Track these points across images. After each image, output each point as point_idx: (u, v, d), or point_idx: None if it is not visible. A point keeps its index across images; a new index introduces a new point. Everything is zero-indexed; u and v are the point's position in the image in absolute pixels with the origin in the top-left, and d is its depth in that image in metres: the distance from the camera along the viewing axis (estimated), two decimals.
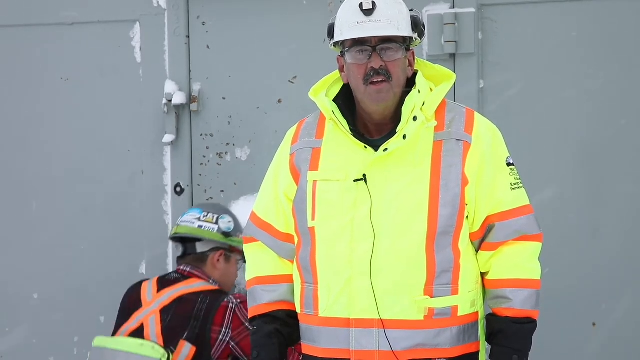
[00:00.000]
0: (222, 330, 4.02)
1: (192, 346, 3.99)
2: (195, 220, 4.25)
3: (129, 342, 4.00)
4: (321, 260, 3.17)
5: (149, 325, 4.04)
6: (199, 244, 4.25)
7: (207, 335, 4.00)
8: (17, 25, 4.72)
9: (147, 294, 4.15)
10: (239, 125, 4.53)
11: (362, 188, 3.13)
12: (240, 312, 4.03)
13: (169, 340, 3.99)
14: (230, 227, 4.25)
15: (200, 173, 4.54)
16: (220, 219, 4.25)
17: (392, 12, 3.12)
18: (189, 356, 3.99)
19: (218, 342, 4.01)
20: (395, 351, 3.12)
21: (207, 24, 4.55)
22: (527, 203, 3.24)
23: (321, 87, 3.26)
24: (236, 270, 4.32)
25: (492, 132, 3.24)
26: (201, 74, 4.55)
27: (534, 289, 3.20)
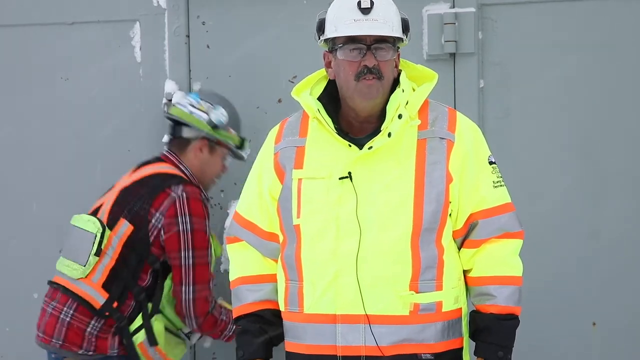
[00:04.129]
0: (157, 215, 3.99)
1: (129, 225, 3.98)
2: (188, 105, 4.22)
3: (83, 218, 4.02)
4: (306, 257, 3.19)
5: (106, 203, 4.07)
6: (185, 129, 4.22)
7: (145, 216, 3.98)
8: (17, 25, 4.72)
9: (123, 177, 4.17)
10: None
11: (348, 185, 3.15)
12: (181, 203, 3.99)
13: (112, 218, 4.01)
14: (221, 119, 4.19)
15: None
16: (214, 109, 4.20)
17: (388, 12, 3.16)
18: (125, 234, 3.97)
19: (152, 226, 3.98)
20: (381, 346, 3.14)
21: (207, 24, 4.54)
22: (509, 201, 3.28)
23: (304, 86, 3.30)
24: (221, 162, 4.26)
25: (474, 131, 3.28)
26: (201, 74, 4.53)
27: (517, 285, 3.24)
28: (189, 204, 4.00)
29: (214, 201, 4.52)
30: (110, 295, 3.95)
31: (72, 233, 4.03)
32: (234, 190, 4.46)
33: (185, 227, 3.98)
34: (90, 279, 3.96)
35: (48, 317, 4.02)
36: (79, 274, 3.96)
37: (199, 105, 4.21)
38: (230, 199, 4.50)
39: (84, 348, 3.95)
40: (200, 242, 4.00)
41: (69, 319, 3.97)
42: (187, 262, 3.97)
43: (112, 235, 3.97)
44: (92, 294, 3.96)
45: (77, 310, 3.96)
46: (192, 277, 3.98)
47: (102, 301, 3.95)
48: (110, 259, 3.96)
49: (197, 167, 4.20)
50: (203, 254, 4.01)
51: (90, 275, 3.96)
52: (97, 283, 3.96)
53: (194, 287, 3.98)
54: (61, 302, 4.00)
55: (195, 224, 3.99)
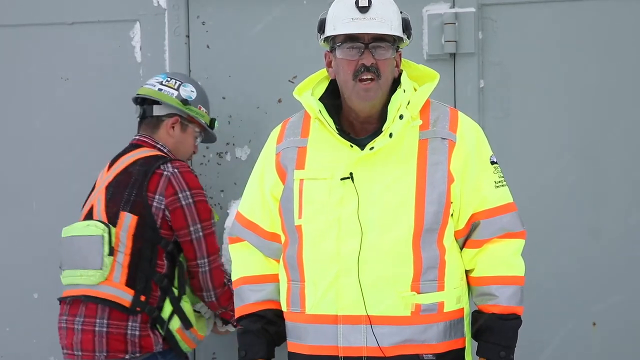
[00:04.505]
0: (157, 197, 3.95)
1: (132, 215, 3.93)
2: (156, 84, 4.18)
3: (79, 226, 3.97)
4: (308, 257, 3.19)
5: (96, 204, 4.02)
6: (156, 107, 4.17)
7: (144, 202, 3.94)
8: (17, 25, 4.72)
9: (101, 175, 4.12)
10: (239, 125, 4.51)
11: (349, 186, 3.15)
12: (176, 179, 3.97)
13: (111, 215, 3.95)
14: (191, 95, 4.18)
15: (200, 173, 4.50)
16: (183, 86, 4.18)
17: (387, 12, 3.16)
18: (131, 226, 3.93)
19: (155, 210, 3.94)
20: (383, 347, 3.14)
21: (207, 24, 4.54)
22: (510, 201, 3.28)
23: (306, 86, 3.30)
24: (193, 141, 4.22)
25: (476, 131, 3.28)
26: (201, 74, 4.53)
27: (519, 285, 3.25)
28: (184, 178, 3.98)
29: (214, 201, 4.52)
30: (135, 290, 3.90)
31: (72, 244, 3.97)
32: (234, 190, 4.47)
33: (187, 201, 3.96)
34: (112, 280, 3.90)
35: (81, 334, 3.92)
36: (97, 279, 3.89)
37: (167, 82, 4.18)
38: (230, 199, 4.50)
39: (130, 352, 3.89)
40: (204, 213, 3.99)
41: (105, 328, 3.89)
42: (198, 235, 3.97)
43: (118, 231, 3.92)
44: (119, 294, 3.90)
45: (111, 316, 3.89)
46: (205, 249, 3.97)
47: (130, 298, 3.89)
48: (124, 255, 3.91)
49: (171, 145, 4.15)
50: (209, 224, 4.01)
51: (110, 276, 3.90)
52: (119, 282, 3.90)
53: (209, 259, 3.98)
54: (90, 314, 3.91)
55: (195, 196, 3.98)
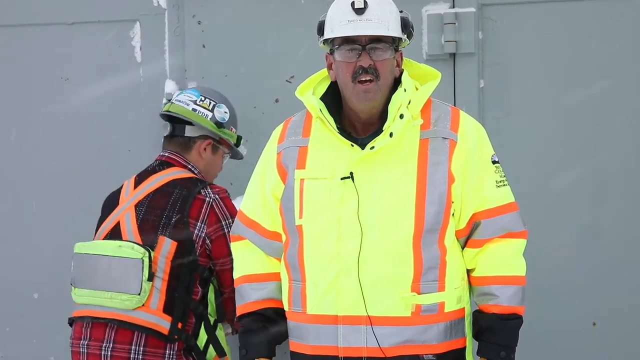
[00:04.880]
0: (198, 225, 3.83)
1: (172, 241, 3.78)
2: (190, 103, 4.06)
3: (108, 245, 3.79)
4: (309, 257, 3.20)
5: (125, 222, 3.86)
6: (188, 128, 4.04)
7: (186, 228, 3.80)
8: (17, 25, 4.72)
9: (125, 192, 3.97)
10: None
11: (349, 186, 3.15)
12: (219, 207, 3.87)
13: (146, 236, 3.79)
14: (225, 117, 4.08)
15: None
16: (217, 107, 4.07)
17: (383, 12, 3.15)
18: (170, 252, 3.78)
19: (196, 237, 3.81)
20: (383, 347, 3.15)
21: (202, 23, 4.52)
22: (512, 200, 3.28)
23: (308, 85, 3.30)
24: (221, 162, 4.15)
25: (477, 130, 3.27)
26: (197, 74, 4.50)
27: (520, 285, 3.25)
28: (225, 205, 3.89)
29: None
30: (173, 317, 3.76)
31: (97, 263, 3.78)
32: (231, 190, 4.43)
33: (229, 229, 3.74)
34: (149, 306, 3.75)
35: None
36: (134, 304, 3.72)
37: (201, 102, 4.08)
38: None
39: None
40: None
41: (141, 356, 3.75)
42: None
43: (157, 256, 3.76)
44: (156, 320, 3.75)
45: (148, 343, 3.75)
46: None
47: (168, 325, 3.75)
48: (162, 281, 3.76)
49: (201, 167, 4.05)
50: None
51: (148, 302, 3.75)
52: (157, 309, 3.75)
53: None
54: (123, 340, 3.76)
55: None
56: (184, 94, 4.13)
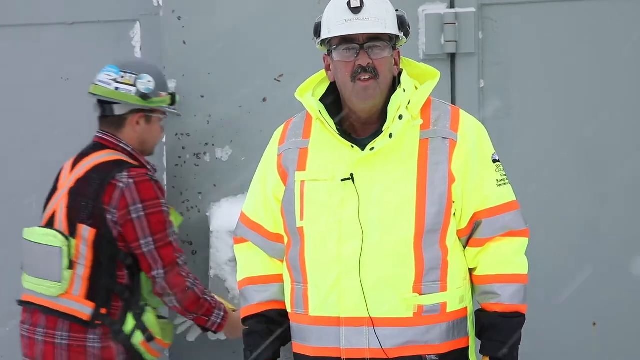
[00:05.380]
0: (111, 210, 3.85)
1: (90, 228, 3.85)
2: (111, 82, 4.00)
3: (38, 232, 3.92)
4: (310, 259, 3.19)
5: (58, 210, 3.95)
6: (116, 107, 4.01)
7: (101, 215, 3.85)
8: (17, 25, 4.72)
9: (63, 176, 4.03)
10: (220, 124, 4.41)
11: (350, 187, 3.15)
12: (130, 192, 3.86)
13: (72, 225, 3.89)
14: (149, 87, 4.01)
15: (175, 174, 4.45)
16: (139, 79, 4.00)
17: (380, 11, 3.15)
18: (89, 239, 3.85)
19: (110, 222, 3.85)
20: (385, 349, 3.14)
21: (182, 19, 4.42)
22: (513, 199, 3.27)
23: (307, 87, 3.29)
24: (159, 129, 4.11)
25: (478, 129, 3.27)
26: (177, 71, 4.41)
27: (522, 283, 3.24)
28: (138, 189, 3.86)
29: (190, 204, 4.45)
30: (96, 303, 3.85)
31: (32, 249, 3.92)
32: (214, 192, 4.41)
33: (138, 214, 3.85)
34: (71, 293, 3.86)
35: (42, 345, 3.91)
36: (57, 291, 3.86)
37: (122, 79, 4.01)
38: (209, 201, 4.41)
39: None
40: (156, 225, 3.88)
41: (66, 341, 3.87)
42: (149, 248, 3.87)
43: (78, 244, 3.86)
44: (78, 307, 3.85)
45: (71, 329, 3.87)
46: (159, 261, 3.88)
47: (90, 312, 3.85)
48: (85, 268, 3.86)
49: (136, 141, 4.04)
50: (163, 236, 3.89)
51: (70, 289, 3.87)
52: (79, 295, 3.85)
53: (164, 270, 3.88)
54: (50, 326, 3.89)
55: (147, 208, 3.87)
56: (104, 72, 4.05)
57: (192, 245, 4.43)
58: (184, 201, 4.44)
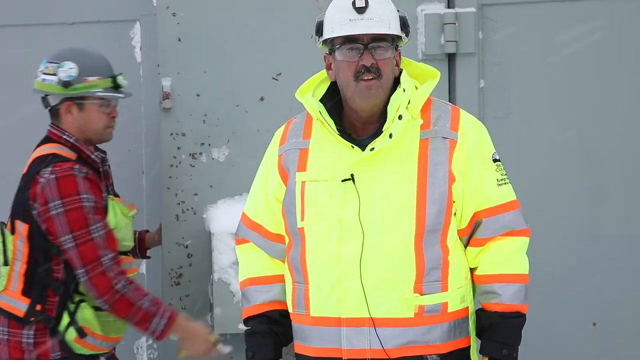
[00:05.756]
0: (36, 206, 3.79)
1: (24, 223, 3.81)
2: (40, 74, 3.93)
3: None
4: (311, 260, 3.19)
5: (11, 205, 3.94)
6: (50, 98, 3.93)
7: (30, 210, 3.79)
8: (17, 25, 4.72)
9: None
10: (216, 124, 4.35)
11: (350, 188, 3.15)
12: (49, 188, 3.76)
13: (12, 221, 3.87)
14: (71, 74, 3.88)
15: (170, 175, 4.38)
16: (60, 67, 3.89)
17: (384, 11, 3.15)
18: (24, 234, 3.81)
19: (37, 218, 3.79)
20: (387, 349, 3.14)
21: (177, 15, 4.36)
22: (513, 198, 3.26)
23: (307, 87, 3.28)
24: (98, 115, 3.93)
25: (478, 128, 3.26)
26: (171, 69, 4.35)
27: (522, 283, 3.23)
28: (57, 185, 3.76)
29: (186, 205, 4.39)
30: (31, 299, 3.81)
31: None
32: (211, 193, 4.36)
33: (57, 211, 3.75)
34: (10, 289, 3.84)
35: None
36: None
37: (46, 69, 3.93)
38: (206, 203, 4.37)
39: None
40: (75, 222, 3.76)
41: (6, 336, 3.84)
42: (68, 245, 3.77)
43: (16, 239, 3.84)
44: (14, 304, 3.82)
45: (9, 325, 3.84)
46: (79, 259, 3.76)
47: (25, 308, 3.80)
48: (22, 263, 3.82)
49: (75, 130, 3.92)
50: (82, 233, 3.77)
51: (9, 285, 3.85)
52: (16, 291, 3.82)
53: (86, 268, 3.76)
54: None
55: (65, 205, 3.76)
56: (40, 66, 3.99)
57: (187, 248, 4.38)
58: (179, 203, 4.38)
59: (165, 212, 4.39)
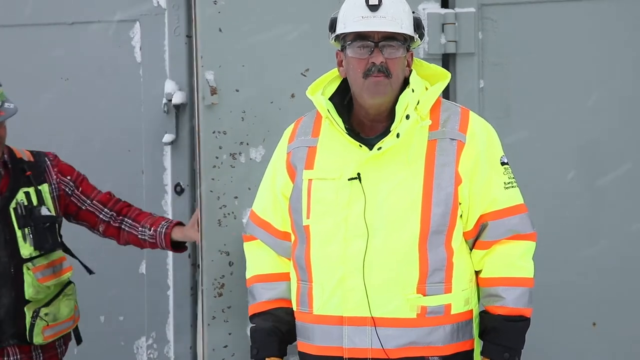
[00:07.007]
0: None
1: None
2: None
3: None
4: (315, 258, 3.20)
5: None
6: None
7: None
8: (17, 25, 4.72)
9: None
10: (253, 121, 4.04)
11: (356, 187, 3.15)
12: None
13: None
14: None
15: (212, 177, 4.04)
16: None
17: (397, 10, 3.16)
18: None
19: None
20: (387, 349, 3.14)
21: (218, 3, 4.07)
22: (520, 202, 3.27)
23: (318, 85, 3.30)
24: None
25: (487, 131, 3.27)
26: (213, 62, 4.02)
27: (527, 287, 3.23)
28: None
29: (227, 210, 4.10)
30: None
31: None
32: (248, 195, 4.13)
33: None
34: None
35: None
36: None
37: None
38: (245, 206, 4.07)
39: None
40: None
41: None
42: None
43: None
44: None
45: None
46: None
47: None
48: None
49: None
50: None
51: None
52: None
53: None
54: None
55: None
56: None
57: (229, 255, 4.05)
58: (221, 207, 4.06)
59: (207, 217, 4.05)
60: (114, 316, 4.78)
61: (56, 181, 3.97)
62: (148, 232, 4.05)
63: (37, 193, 3.90)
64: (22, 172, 3.92)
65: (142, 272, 4.70)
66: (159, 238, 4.06)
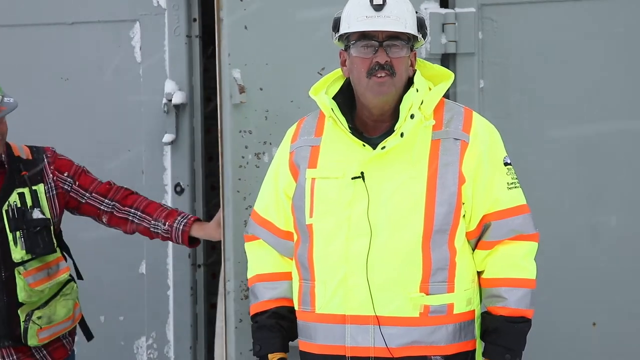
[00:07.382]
0: None
1: None
2: None
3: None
4: (318, 257, 3.20)
5: None
6: None
7: None
8: (17, 25, 4.72)
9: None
10: (276, 120, 4.04)
11: (360, 186, 3.15)
12: None
13: None
14: None
15: (239, 177, 4.04)
16: None
17: (401, 10, 3.16)
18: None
19: None
20: (390, 348, 3.14)
21: (245, 1, 4.01)
22: (523, 203, 3.26)
23: (321, 85, 3.30)
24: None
25: (490, 131, 3.27)
26: (239, 60, 3.99)
27: (529, 288, 3.22)
28: None
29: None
30: None
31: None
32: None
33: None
34: None
35: None
36: None
37: None
38: None
39: None
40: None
41: None
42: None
43: None
44: None
45: None
46: None
47: None
48: None
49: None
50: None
51: None
52: None
53: None
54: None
55: None
56: None
57: None
58: (247, 207, 4.02)
59: (234, 218, 4.03)
60: (114, 316, 4.78)
61: (53, 180, 3.94)
62: (162, 226, 3.95)
63: (32, 194, 3.85)
64: (17, 172, 3.87)
65: (142, 272, 4.70)
66: (175, 234, 3.96)
